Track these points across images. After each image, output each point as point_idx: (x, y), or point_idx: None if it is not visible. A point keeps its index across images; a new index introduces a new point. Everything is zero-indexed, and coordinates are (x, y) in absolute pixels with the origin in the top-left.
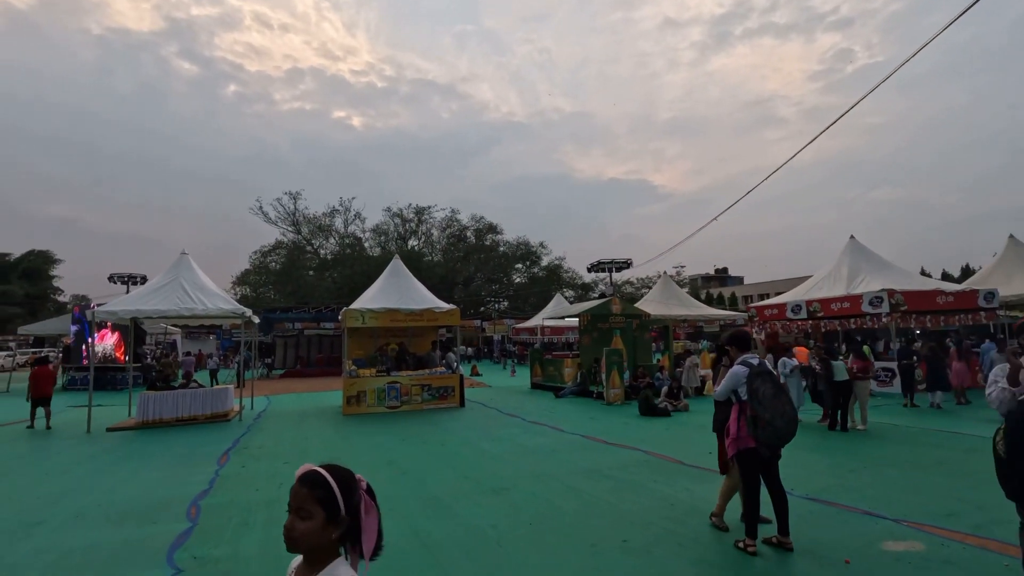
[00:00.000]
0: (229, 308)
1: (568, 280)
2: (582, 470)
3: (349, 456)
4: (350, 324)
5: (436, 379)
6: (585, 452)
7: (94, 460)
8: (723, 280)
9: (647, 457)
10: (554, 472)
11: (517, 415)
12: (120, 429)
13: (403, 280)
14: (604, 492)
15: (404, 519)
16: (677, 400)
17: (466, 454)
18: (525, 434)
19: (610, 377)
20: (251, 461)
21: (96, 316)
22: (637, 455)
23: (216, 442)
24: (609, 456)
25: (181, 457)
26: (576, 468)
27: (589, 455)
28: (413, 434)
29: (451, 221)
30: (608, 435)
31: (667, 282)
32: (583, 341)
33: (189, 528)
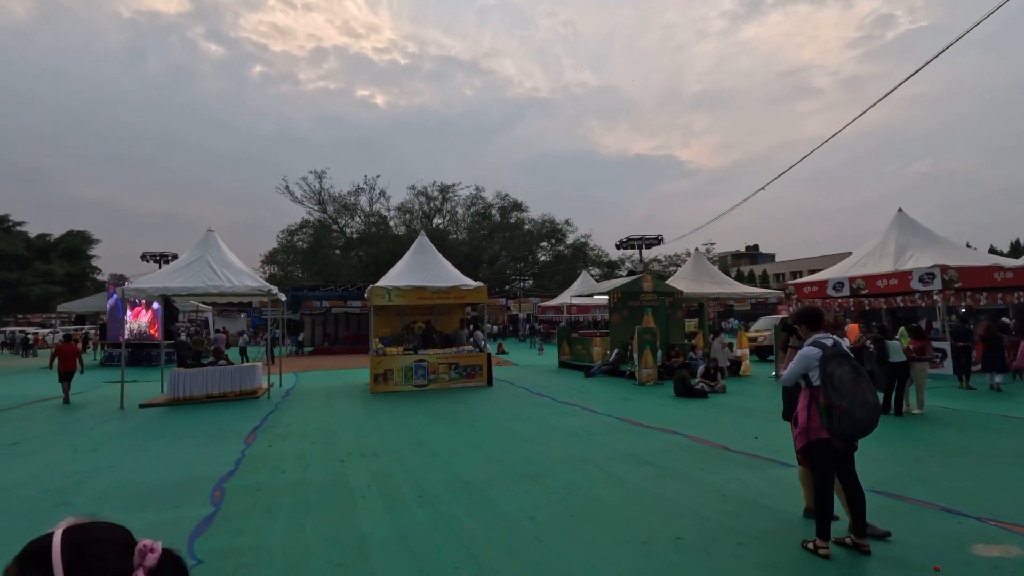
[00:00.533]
0: (255, 285)
1: (594, 258)
2: (621, 455)
3: (377, 437)
4: (376, 302)
5: (463, 357)
6: (622, 435)
7: (124, 438)
8: (754, 258)
9: (688, 442)
10: (591, 457)
11: (547, 395)
12: (152, 406)
13: (429, 257)
14: (647, 480)
15: (436, 507)
16: (714, 381)
17: (497, 436)
18: (556, 415)
19: (642, 356)
20: (278, 440)
21: (126, 293)
22: (677, 439)
23: (244, 420)
24: (647, 440)
25: (209, 435)
26: (614, 453)
27: (626, 439)
28: (441, 414)
29: (476, 199)
30: (644, 417)
31: (699, 258)
32: (613, 319)
33: (212, 513)
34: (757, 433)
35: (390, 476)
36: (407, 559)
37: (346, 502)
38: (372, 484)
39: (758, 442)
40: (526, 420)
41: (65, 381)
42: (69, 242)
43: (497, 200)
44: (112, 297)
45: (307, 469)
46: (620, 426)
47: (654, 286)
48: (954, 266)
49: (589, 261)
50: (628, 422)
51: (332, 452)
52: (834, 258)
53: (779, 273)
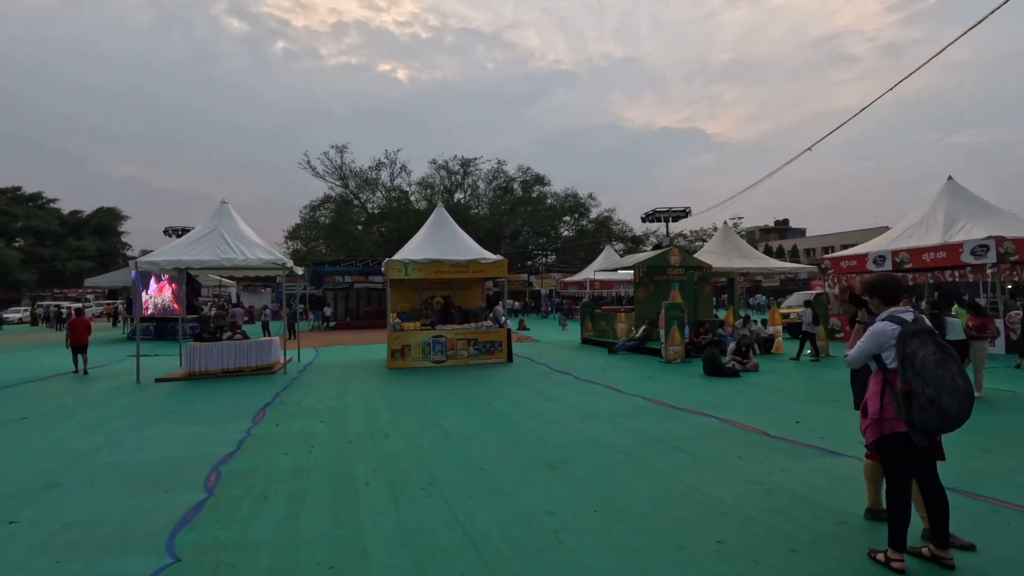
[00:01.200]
0: (269, 258)
1: (618, 233)
2: (650, 440)
3: (389, 416)
4: (392, 276)
5: (482, 333)
6: (649, 417)
7: (131, 414)
8: (783, 232)
9: (722, 425)
10: (616, 442)
11: (568, 372)
12: (168, 380)
13: (447, 229)
14: (681, 470)
15: (446, 499)
16: (745, 359)
17: (515, 417)
18: (579, 394)
19: (669, 333)
20: (287, 419)
21: (139, 266)
22: (710, 423)
23: (256, 396)
24: (678, 423)
25: (218, 412)
26: (642, 437)
27: (654, 421)
28: (458, 392)
29: (497, 173)
30: (672, 397)
31: (727, 232)
32: (638, 295)
33: (203, 500)
34: (797, 416)
35: (399, 460)
36: (408, 562)
37: (348, 490)
38: (379, 469)
39: (800, 427)
40: (546, 399)
41: (79, 353)
42: (100, 218)
43: (519, 174)
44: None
45: (312, 451)
46: (647, 407)
47: (681, 260)
48: (1011, 238)
49: (613, 236)
50: (655, 403)
51: (341, 432)
52: (869, 232)
53: (810, 248)
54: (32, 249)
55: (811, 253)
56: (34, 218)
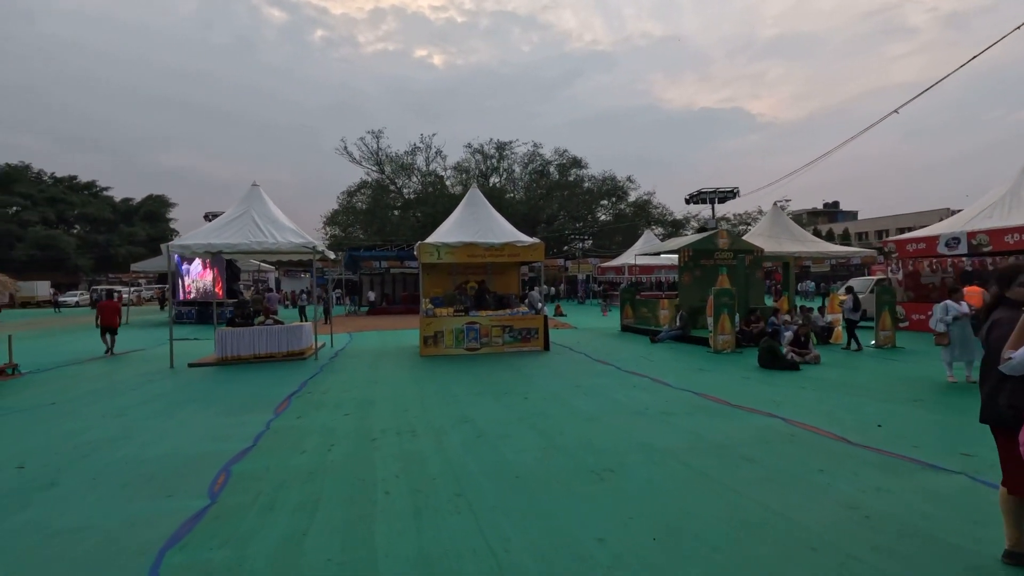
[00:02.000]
0: (299, 242)
1: (658, 216)
2: (710, 445)
3: (418, 409)
4: (425, 260)
5: (518, 320)
6: (704, 417)
7: (156, 401)
8: (832, 215)
9: (791, 428)
10: (671, 446)
11: (610, 362)
12: (200, 365)
13: (481, 211)
14: (751, 486)
15: (475, 515)
16: (804, 350)
17: (554, 413)
18: (623, 387)
19: (719, 321)
20: (310, 411)
21: (170, 249)
22: (776, 425)
23: (283, 384)
24: (739, 425)
25: (241, 401)
26: (700, 441)
27: (711, 422)
28: (492, 383)
29: (533, 156)
30: (727, 393)
31: (777, 214)
32: (683, 280)
33: (204, 508)
34: (877, 418)
35: (425, 463)
36: None
37: (365, 500)
38: (401, 474)
39: (884, 432)
40: (587, 393)
41: (109, 334)
42: (149, 206)
43: (555, 157)
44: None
45: (331, 449)
46: (700, 404)
47: (730, 243)
48: None
49: (652, 220)
50: (709, 399)
51: (365, 428)
52: (927, 215)
53: (862, 232)
54: (88, 235)
55: (863, 237)
56: (89, 206)
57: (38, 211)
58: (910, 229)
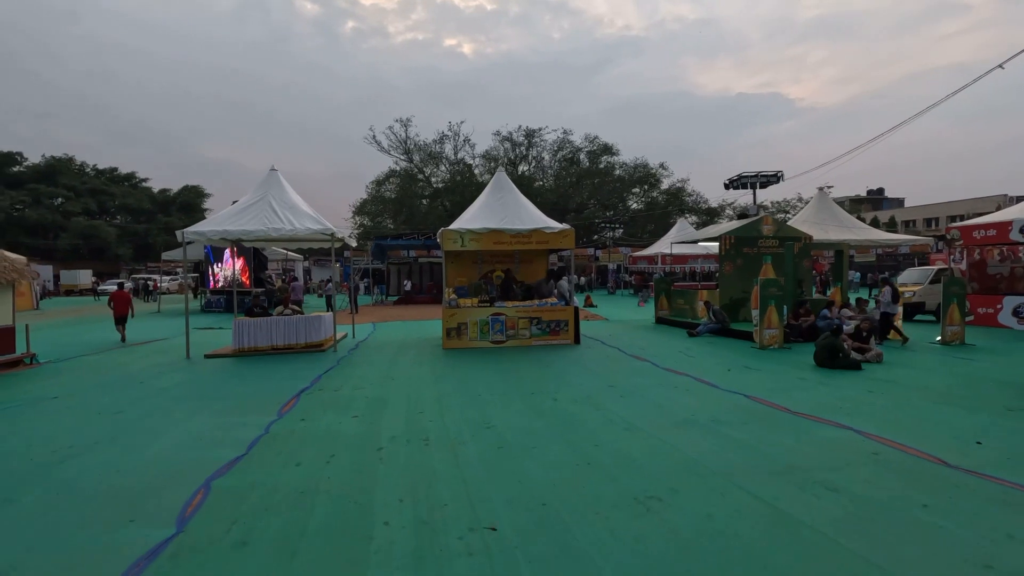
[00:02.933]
0: (317, 228)
1: (691, 204)
2: (776, 466)
3: (434, 412)
4: (448, 247)
5: (547, 311)
6: (763, 427)
7: (160, 396)
8: (877, 202)
9: (873, 445)
10: (729, 467)
11: (646, 359)
12: (217, 356)
13: (508, 196)
14: (844, 530)
15: (490, 557)
16: (866, 346)
17: (586, 419)
18: (663, 388)
19: (766, 314)
20: (317, 411)
21: (185, 236)
22: (853, 440)
23: (294, 379)
24: (807, 439)
25: (247, 398)
26: (764, 460)
27: (772, 433)
28: (518, 381)
29: (563, 143)
30: (784, 397)
31: (823, 199)
32: (724, 269)
33: (165, 541)
34: (972, 432)
35: (435, 483)
36: None
37: (358, 534)
38: (407, 497)
39: (986, 450)
40: (623, 395)
41: (120, 324)
42: (185, 196)
43: (586, 143)
44: (206, 247)
45: (330, 462)
46: (755, 410)
47: (776, 230)
48: None
49: (686, 208)
50: (764, 404)
51: (372, 433)
52: (982, 201)
53: (909, 220)
54: (127, 225)
55: (910, 225)
56: (128, 197)
57: (81, 202)
58: (963, 216)
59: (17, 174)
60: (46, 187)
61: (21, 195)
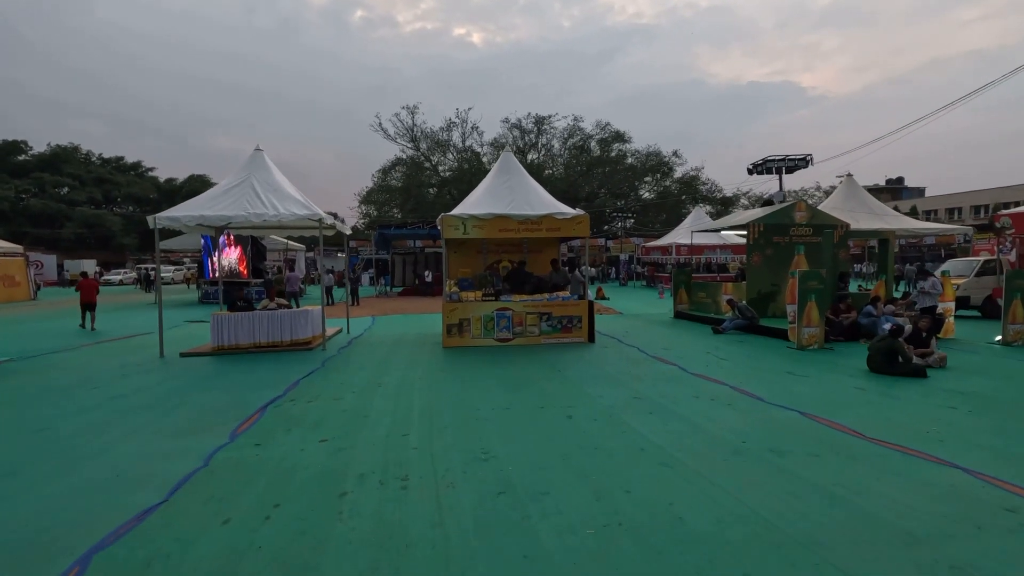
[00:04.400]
0: (303, 213)
1: (706, 193)
2: (880, 528)
3: (423, 433)
4: (449, 234)
5: (558, 306)
6: (840, 461)
7: (102, 408)
8: (896, 192)
9: (1006, 497)
10: (813, 529)
11: (672, 361)
12: (194, 355)
13: (516, 179)
14: None
15: None
16: (926, 349)
17: (610, 447)
18: (697, 401)
19: (805, 310)
20: (278, 433)
21: (157, 222)
22: (972, 487)
23: (267, 385)
24: (904, 482)
25: (202, 412)
26: (860, 518)
27: (857, 474)
28: (526, 389)
29: (574, 130)
30: (848, 415)
31: (852, 186)
32: (752, 260)
33: None
34: None
35: (408, 557)
36: None
37: None
38: None
39: None
40: (652, 409)
41: (88, 311)
42: (191, 186)
43: (597, 131)
44: (204, 236)
45: (270, 517)
46: (820, 435)
47: (810, 216)
48: None
49: (700, 197)
50: (829, 425)
51: (338, 468)
52: (1010, 190)
53: (931, 209)
54: (133, 214)
55: (931, 215)
56: (134, 186)
57: (86, 191)
58: (987, 207)
59: (22, 163)
60: (51, 176)
61: (26, 184)
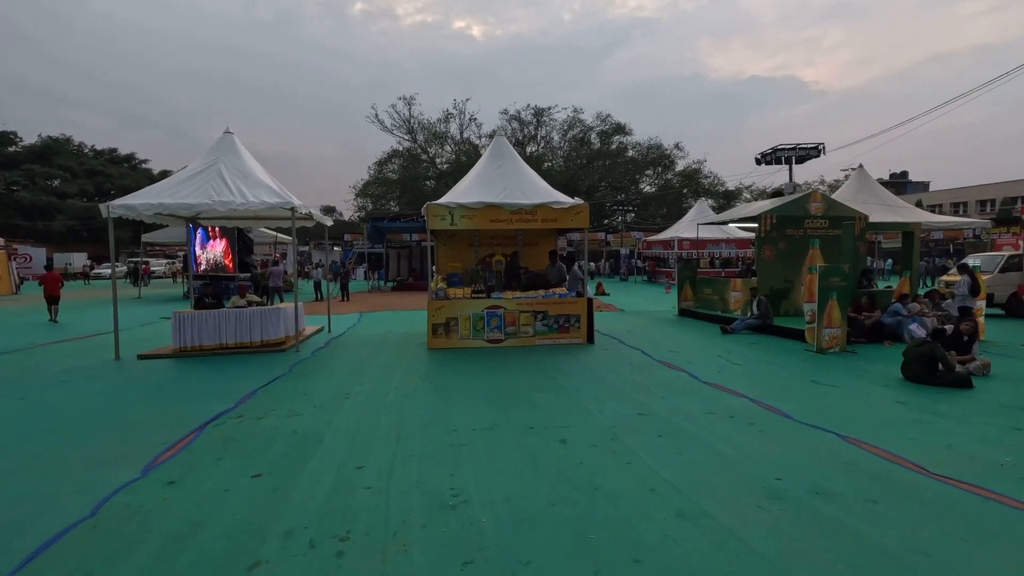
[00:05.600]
0: (274, 201)
1: (708, 187)
2: None
3: (382, 465)
4: (435, 225)
5: (554, 304)
6: (901, 508)
7: (21, 423)
8: (901, 186)
9: None
10: None
11: (681, 367)
12: (151, 357)
13: (508, 164)
14: None
15: None
16: (967, 355)
17: (614, 487)
18: (714, 418)
19: (826, 309)
20: (204, 464)
21: (110, 211)
22: None
23: (219, 397)
24: (991, 540)
25: (126, 434)
26: None
27: (925, 527)
28: (514, 403)
29: (574, 122)
30: (901, 441)
31: (863, 177)
32: (764, 254)
33: None
34: None
35: None
36: None
37: None
38: None
39: None
40: (663, 432)
41: (52, 304)
42: None
43: (597, 123)
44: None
45: None
46: (870, 468)
47: (827, 208)
48: None
49: (702, 191)
50: (874, 452)
51: (260, 522)
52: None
53: (935, 204)
54: None
55: (936, 209)
56: (126, 178)
57: (77, 183)
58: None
59: (12, 154)
60: (42, 167)
61: (16, 176)
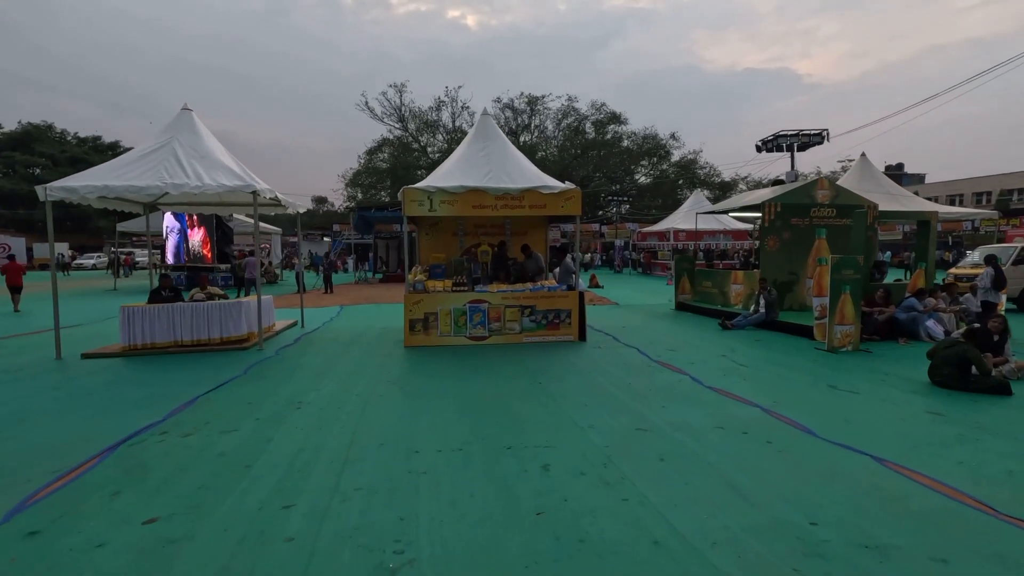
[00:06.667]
0: (234, 184)
1: (704, 177)
2: None
3: (317, 503)
4: (412, 212)
5: (543, 298)
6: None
7: None
8: (896, 179)
9: None
10: None
11: (682, 370)
12: (97, 356)
13: (493, 145)
14: None
15: None
16: (999, 355)
17: (601, 528)
18: (725, 436)
19: (838, 305)
20: (89, 505)
21: (48, 194)
22: None
23: (152, 405)
24: None
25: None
26: None
27: None
28: (491, 415)
29: (568, 111)
30: (945, 464)
31: (866, 165)
32: (767, 245)
33: None
34: None
35: None
36: None
37: None
38: None
39: None
40: (665, 456)
41: (15, 293)
42: None
43: (592, 111)
44: (166, 216)
45: None
46: (920, 503)
47: (834, 196)
48: None
49: (698, 182)
50: (925, 483)
51: None
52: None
53: (931, 196)
54: None
55: (933, 201)
56: None
57: (59, 171)
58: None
59: None
60: (22, 155)
61: None
